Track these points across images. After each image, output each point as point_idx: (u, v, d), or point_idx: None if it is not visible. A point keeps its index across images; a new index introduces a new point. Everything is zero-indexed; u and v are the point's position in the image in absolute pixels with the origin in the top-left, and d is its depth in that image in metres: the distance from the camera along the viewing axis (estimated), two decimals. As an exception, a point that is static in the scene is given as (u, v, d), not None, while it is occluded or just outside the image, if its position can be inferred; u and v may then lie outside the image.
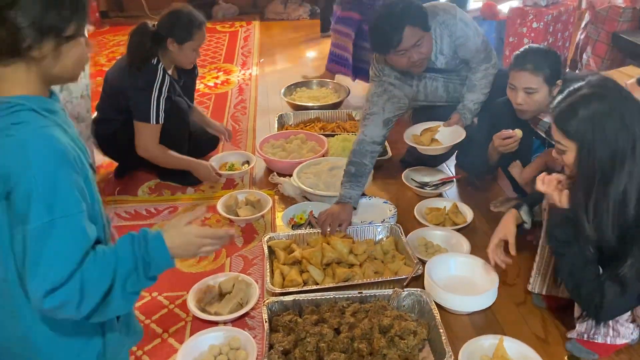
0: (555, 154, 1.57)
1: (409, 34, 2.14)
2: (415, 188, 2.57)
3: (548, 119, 2.06)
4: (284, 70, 4.42)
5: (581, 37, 3.87)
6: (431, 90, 2.48)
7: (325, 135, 2.96)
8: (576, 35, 3.99)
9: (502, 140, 2.12)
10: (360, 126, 2.41)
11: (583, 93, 1.47)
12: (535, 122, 2.15)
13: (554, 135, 1.54)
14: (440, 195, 2.54)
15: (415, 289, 1.82)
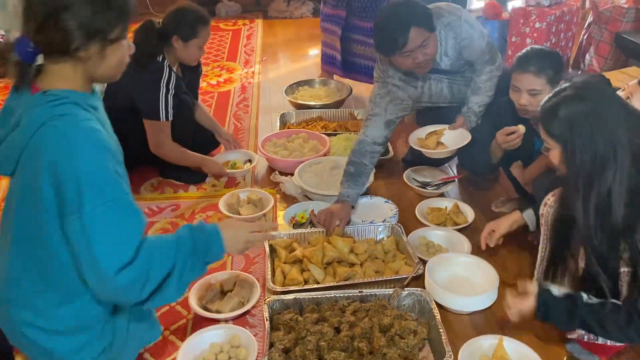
0: (545, 152, 1.59)
1: (415, 35, 2.13)
2: (416, 188, 2.57)
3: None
4: (287, 68, 4.42)
5: (584, 38, 3.86)
6: (436, 91, 2.47)
7: (327, 135, 2.96)
8: (579, 35, 3.98)
9: (506, 137, 2.12)
10: (363, 126, 2.41)
11: (565, 94, 1.48)
12: (537, 122, 2.15)
13: (541, 134, 1.56)
14: (442, 195, 2.54)
15: (415, 288, 1.82)
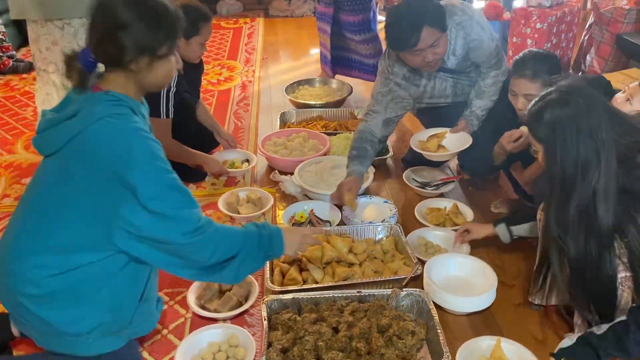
0: (534, 155, 1.60)
1: (427, 35, 2.11)
2: (416, 188, 2.57)
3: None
4: (287, 67, 4.42)
5: (585, 39, 3.85)
6: (439, 90, 2.46)
7: (327, 134, 2.97)
8: (580, 36, 3.97)
9: (514, 143, 2.11)
10: (363, 119, 2.45)
11: (550, 98, 1.48)
12: None
13: (529, 137, 1.57)
14: (441, 196, 2.54)
15: (414, 289, 1.82)
